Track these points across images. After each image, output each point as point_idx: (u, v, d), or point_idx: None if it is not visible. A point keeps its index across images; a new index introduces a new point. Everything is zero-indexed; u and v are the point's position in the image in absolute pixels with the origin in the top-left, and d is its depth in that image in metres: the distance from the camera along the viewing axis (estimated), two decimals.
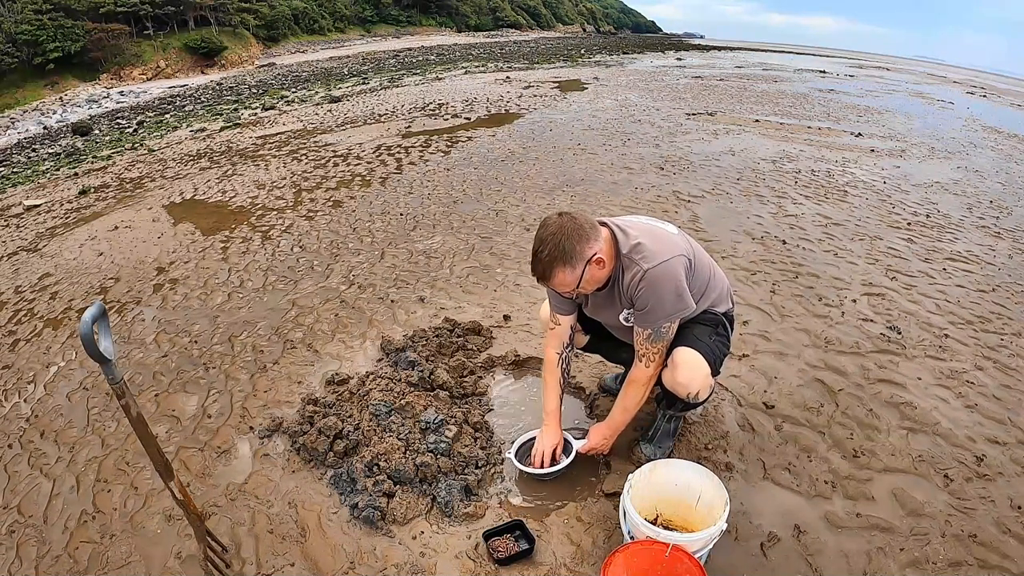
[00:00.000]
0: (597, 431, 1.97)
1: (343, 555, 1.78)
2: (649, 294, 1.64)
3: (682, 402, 1.84)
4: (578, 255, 1.57)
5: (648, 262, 1.62)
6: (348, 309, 3.31)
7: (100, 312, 1.25)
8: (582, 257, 1.58)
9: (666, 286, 1.63)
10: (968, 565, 1.71)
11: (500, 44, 43.20)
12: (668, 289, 1.63)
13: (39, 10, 29.82)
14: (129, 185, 7.13)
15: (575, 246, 1.57)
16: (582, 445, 1.98)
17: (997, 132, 9.97)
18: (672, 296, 1.64)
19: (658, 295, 1.63)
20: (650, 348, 1.73)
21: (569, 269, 1.58)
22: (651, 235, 1.68)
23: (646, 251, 1.63)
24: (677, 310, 1.67)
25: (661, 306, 1.65)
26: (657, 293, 1.63)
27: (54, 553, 1.91)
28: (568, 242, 1.56)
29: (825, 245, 4.13)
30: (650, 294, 1.63)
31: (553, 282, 1.62)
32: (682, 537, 1.50)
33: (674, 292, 1.64)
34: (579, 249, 1.57)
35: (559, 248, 1.56)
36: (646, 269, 1.61)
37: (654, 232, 1.70)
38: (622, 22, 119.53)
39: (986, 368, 2.69)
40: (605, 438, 1.96)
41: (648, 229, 1.71)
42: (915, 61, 50.15)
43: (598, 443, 1.96)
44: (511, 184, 5.63)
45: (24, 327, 3.57)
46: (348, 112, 11.29)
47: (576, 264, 1.58)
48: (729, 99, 11.87)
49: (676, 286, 1.64)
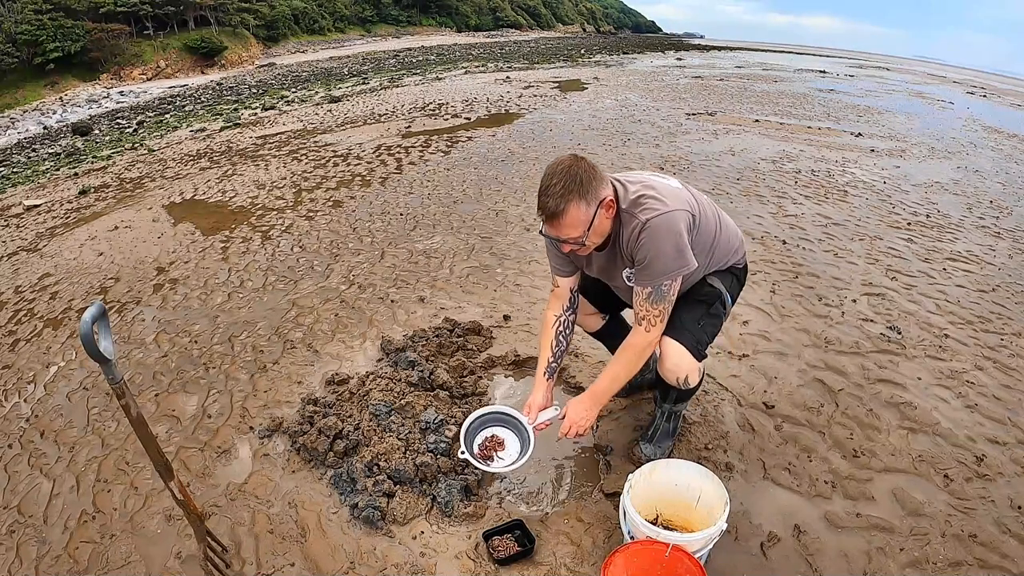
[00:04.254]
0: (578, 405, 1.76)
1: (343, 555, 1.78)
2: (648, 246, 1.55)
3: (675, 390, 1.83)
4: (594, 192, 1.49)
5: (646, 213, 1.54)
6: (348, 309, 3.31)
7: (100, 312, 1.25)
8: (596, 195, 1.50)
9: (666, 239, 1.54)
10: (968, 565, 1.71)
11: (500, 44, 43.18)
12: (668, 242, 1.54)
13: (39, 10, 29.83)
14: (129, 185, 7.13)
15: (591, 180, 1.48)
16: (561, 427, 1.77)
17: (997, 132, 9.97)
18: (672, 250, 1.55)
19: (657, 247, 1.54)
20: (651, 310, 1.62)
21: (584, 205, 1.48)
22: (652, 189, 1.60)
23: (646, 204, 1.56)
24: (678, 266, 1.57)
25: (660, 260, 1.55)
26: (656, 245, 1.54)
27: (54, 553, 1.91)
28: (585, 175, 1.47)
29: (825, 245, 4.13)
30: (649, 246, 1.55)
31: (564, 220, 1.49)
32: (682, 537, 1.50)
33: (674, 246, 1.55)
34: (595, 186, 1.49)
35: (576, 180, 1.46)
36: (644, 220, 1.54)
37: (655, 186, 1.62)
38: (622, 22, 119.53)
39: (986, 368, 2.69)
40: (587, 410, 1.75)
41: (649, 183, 1.63)
42: (915, 61, 50.14)
43: (580, 419, 1.74)
44: (511, 184, 5.63)
45: (24, 327, 3.57)
46: (348, 112, 11.29)
47: (591, 201, 1.49)
48: (729, 99, 11.87)
49: (676, 240, 1.55)
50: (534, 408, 1.87)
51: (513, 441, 1.89)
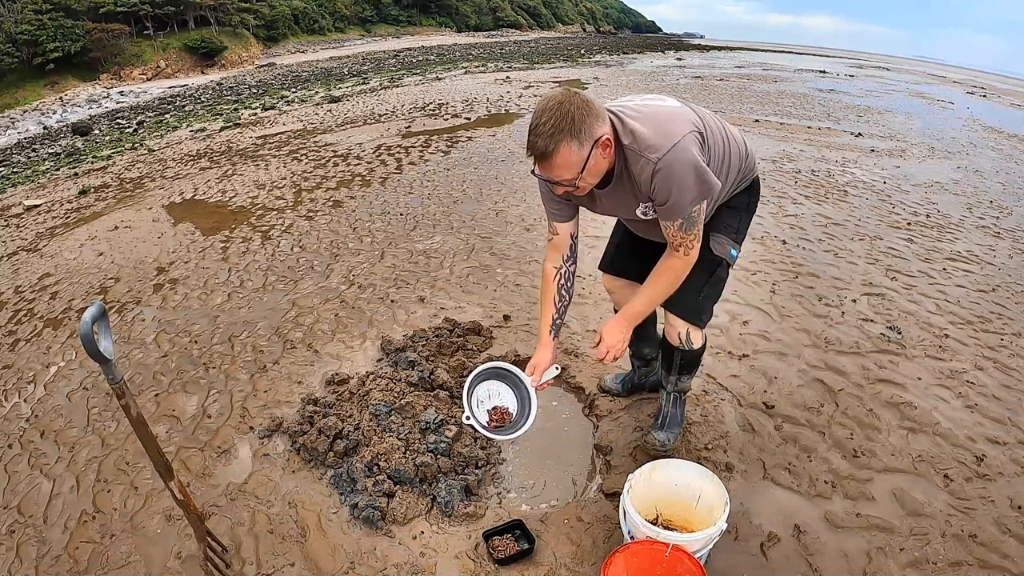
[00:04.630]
0: (613, 327, 1.70)
1: (343, 555, 1.78)
2: (667, 185, 1.45)
3: (679, 352, 1.84)
4: (587, 131, 1.36)
5: (655, 152, 1.42)
6: (348, 309, 3.31)
7: (100, 312, 1.25)
8: (591, 134, 1.37)
9: (683, 171, 1.43)
10: (968, 565, 1.71)
11: (500, 44, 43.17)
12: (686, 173, 1.44)
13: (39, 10, 29.83)
14: (129, 185, 7.13)
15: (585, 118, 1.35)
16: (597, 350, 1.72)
17: (997, 132, 9.97)
18: (692, 179, 1.45)
19: (678, 183, 1.44)
20: (685, 236, 1.54)
21: (576, 145, 1.36)
22: (651, 119, 1.46)
23: (649, 140, 1.43)
24: (702, 193, 1.48)
25: (684, 193, 1.46)
26: (676, 181, 1.44)
27: (54, 553, 1.91)
28: (578, 112, 1.34)
29: (825, 245, 4.13)
30: (669, 184, 1.44)
31: (555, 160, 1.38)
32: (682, 537, 1.50)
33: (693, 175, 1.44)
34: (588, 124, 1.36)
35: (567, 118, 1.33)
36: (655, 160, 1.42)
37: (655, 113, 1.49)
38: (622, 22, 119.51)
39: (986, 368, 2.69)
40: (623, 332, 1.70)
41: (648, 112, 1.49)
42: (915, 61, 50.13)
43: (615, 342, 1.69)
44: (511, 184, 5.63)
45: (24, 327, 3.57)
46: (348, 112, 11.29)
47: (584, 141, 1.36)
48: (729, 99, 11.87)
49: (694, 167, 1.44)
50: (539, 368, 1.75)
51: (512, 400, 1.79)
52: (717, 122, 1.65)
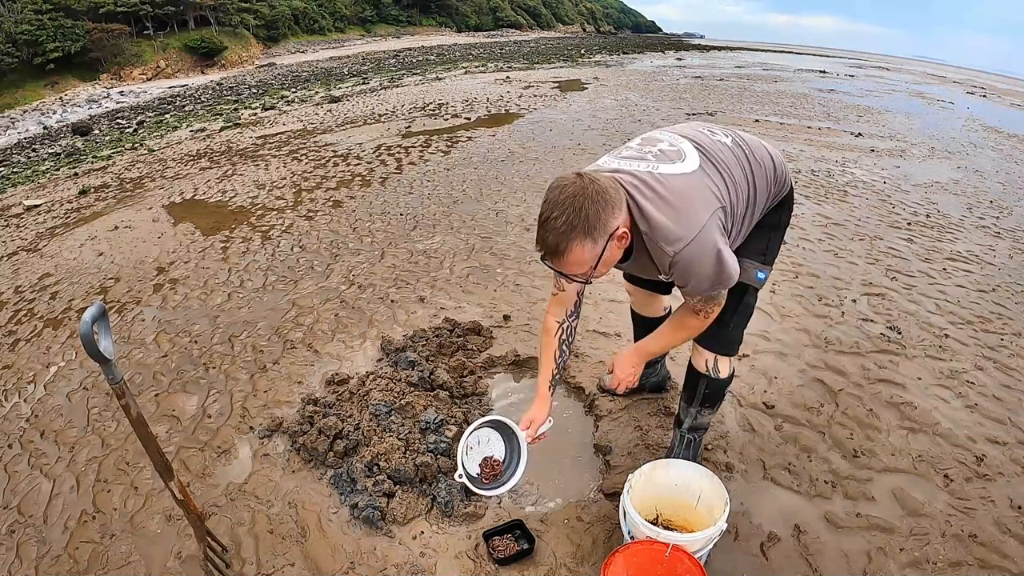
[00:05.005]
0: (625, 360, 1.70)
1: (343, 555, 1.78)
2: (685, 275, 1.41)
3: (704, 378, 1.74)
4: (602, 227, 1.27)
5: (672, 245, 1.34)
6: (348, 309, 3.31)
7: (100, 312, 1.25)
8: (606, 230, 1.28)
9: (702, 263, 1.38)
10: (968, 565, 1.71)
11: (500, 44, 43.16)
12: (705, 265, 1.38)
13: (39, 10, 29.82)
14: (129, 185, 7.13)
15: (600, 214, 1.25)
16: (611, 381, 1.72)
17: (997, 132, 9.97)
18: (711, 270, 1.39)
19: (696, 274, 1.40)
20: (706, 306, 1.52)
21: (590, 243, 1.27)
22: (671, 203, 1.36)
23: (667, 231, 1.34)
24: (722, 282, 1.43)
25: (702, 282, 1.42)
26: (694, 272, 1.39)
27: (54, 553, 1.91)
28: (592, 207, 1.24)
29: (825, 245, 4.13)
30: (687, 275, 1.41)
31: (567, 259, 1.29)
32: (682, 537, 1.50)
33: (712, 267, 1.38)
34: (604, 219, 1.27)
35: (580, 215, 1.24)
36: (672, 254, 1.35)
37: (676, 191, 1.38)
38: (622, 22, 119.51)
39: (986, 368, 2.69)
40: (635, 366, 1.71)
41: (667, 191, 1.37)
42: (915, 61, 50.08)
43: (627, 375, 1.70)
44: (511, 184, 5.63)
45: (24, 327, 3.57)
46: (348, 112, 11.29)
47: (599, 238, 1.28)
48: (729, 99, 11.86)
49: (715, 258, 1.37)
50: (535, 423, 1.70)
51: (500, 448, 1.75)
52: (739, 158, 1.53)
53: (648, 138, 1.56)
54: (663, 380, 2.41)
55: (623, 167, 1.44)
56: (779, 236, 1.71)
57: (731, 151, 1.52)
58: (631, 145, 1.55)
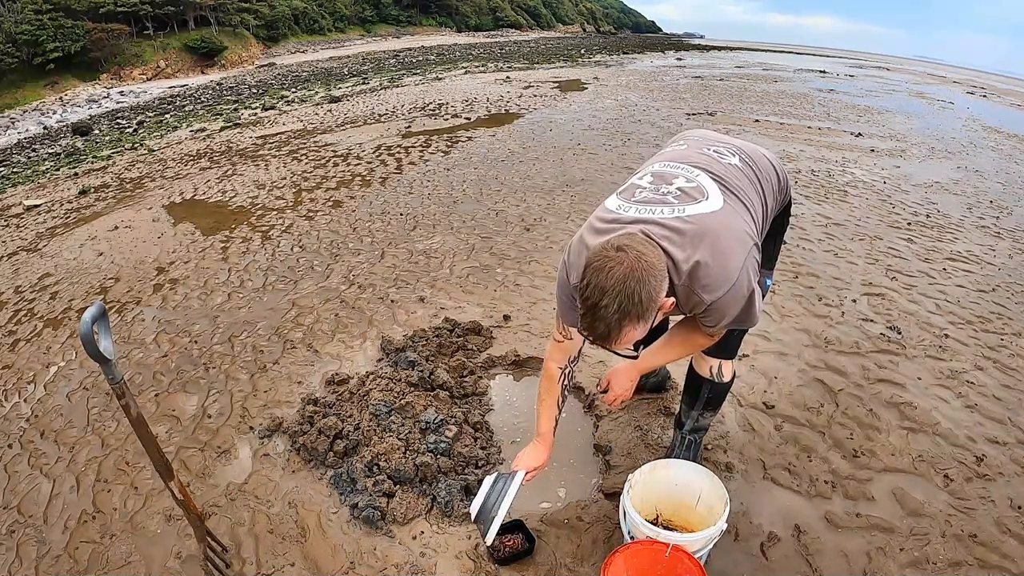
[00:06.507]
0: (623, 375, 1.69)
1: (343, 555, 1.78)
2: (714, 317, 1.37)
3: (707, 383, 1.74)
4: (653, 305, 1.18)
5: (710, 294, 1.29)
6: (348, 309, 3.31)
7: (100, 312, 1.25)
8: (656, 306, 1.19)
9: (735, 307, 1.34)
10: (968, 565, 1.71)
11: (500, 44, 43.15)
12: (736, 308, 1.35)
13: (39, 10, 29.81)
14: (129, 185, 7.13)
15: (652, 294, 1.16)
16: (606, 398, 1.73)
17: (997, 132, 9.97)
18: (739, 313, 1.36)
19: (725, 315, 1.36)
20: (716, 331, 1.49)
21: (642, 325, 1.19)
22: (707, 251, 1.27)
23: (706, 282, 1.28)
24: (744, 321, 1.41)
25: (728, 320, 1.39)
26: (724, 314, 1.36)
27: (54, 553, 1.92)
28: (644, 289, 1.15)
29: (825, 245, 4.13)
30: (715, 316, 1.36)
31: (618, 342, 1.21)
32: (682, 537, 1.50)
33: (742, 309, 1.35)
34: (655, 297, 1.17)
35: (632, 300, 1.14)
36: (709, 303, 1.30)
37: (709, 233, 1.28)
38: (622, 22, 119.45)
39: (986, 368, 2.69)
40: (631, 380, 1.70)
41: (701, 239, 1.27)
42: (915, 61, 50.08)
43: (623, 390, 1.71)
44: (511, 184, 5.63)
45: (24, 327, 3.57)
46: (348, 112, 11.29)
47: (649, 317, 1.19)
48: (729, 99, 11.86)
49: (746, 301, 1.34)
50: (540, 470, 1.71)
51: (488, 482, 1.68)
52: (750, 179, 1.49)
53: (660, 175, 1.46)
54: (663, 380, 2.41)
55: (645, 216, 1.32)
56: (781, 239, 1.76)
57: (742, 173, 1.49)
58: (642, 184, 1.44)
